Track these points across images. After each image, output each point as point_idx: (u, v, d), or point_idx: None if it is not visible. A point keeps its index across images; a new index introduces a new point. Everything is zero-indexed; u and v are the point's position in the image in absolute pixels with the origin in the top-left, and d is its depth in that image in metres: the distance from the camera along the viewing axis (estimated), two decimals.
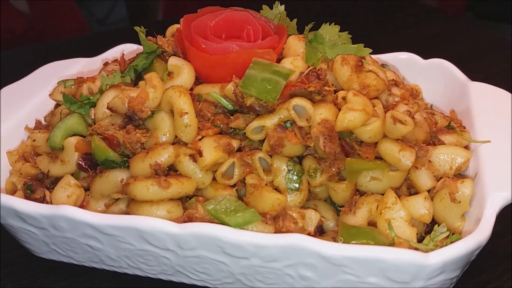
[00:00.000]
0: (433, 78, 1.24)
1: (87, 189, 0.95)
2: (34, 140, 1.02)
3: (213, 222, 0.84)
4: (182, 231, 0.79)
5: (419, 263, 0.73)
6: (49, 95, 1.10)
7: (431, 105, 1.25)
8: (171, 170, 0.89)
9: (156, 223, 0.80)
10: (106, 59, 1.36)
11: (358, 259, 0.74)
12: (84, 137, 0.97)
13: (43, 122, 1.14)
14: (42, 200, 0.97)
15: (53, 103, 1.17)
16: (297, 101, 0.86)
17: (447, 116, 1.06)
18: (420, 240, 0.88)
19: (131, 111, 0.89)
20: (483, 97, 1.07)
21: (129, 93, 0.89)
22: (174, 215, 0.84)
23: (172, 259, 0.87)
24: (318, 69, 0.91)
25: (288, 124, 0.88)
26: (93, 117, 0.95)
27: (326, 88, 0.89)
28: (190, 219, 0.83)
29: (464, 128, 1.02)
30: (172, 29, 1.09)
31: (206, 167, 0.86)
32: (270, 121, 0.88)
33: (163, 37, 1.09)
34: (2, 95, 1.17)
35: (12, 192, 1.02)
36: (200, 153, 0.85)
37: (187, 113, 0.87)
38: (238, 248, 0.79)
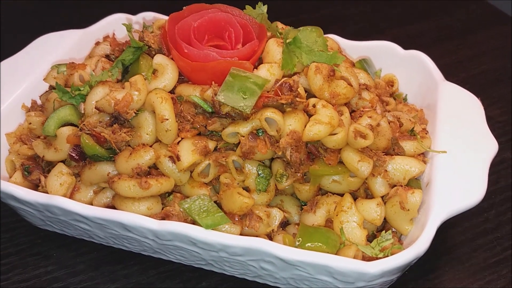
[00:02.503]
0: (410, 70, 1.30)
1: (78, 175, 1.05)
2: (30, 123, 1.11)
3: (187, 219, 0.95)
4: (159, 228, 0.91)
5: (361, 271, 0.84)
6: (44, 79, 1.17)
7: (406, 95, 1.32)
8: (153, 168, 0.99)
9: (137, 220, 0.91)
10: (98, 30, 1.41)
11: (308, 263, 0.86)
12: (75, 125, 1.05)
13: (38, 101, 1.22)
14: (38, 182, 1.07)
15: None
16: (268, 113, 0.94)
17: (412, 119, 1.13)
18: (370, 238, 0.99)
19: (117, 113, 0.97)
20: (451, 102, 1.13)
21: (115, 95, 0.97)
22: (154, 211, 0.95)
23: (152, 244, 0.99)
24: (292, 80, 0.97)
25: (260, 132, 0.97)
26: (83, 111, 1.03)
27: (298, 99, 0.96)
28: (167, 216, 0.94)
29: (427, 133, 1.10)
30: (159, 22, 1.14)
31: (183, 169, 0.96)
32: (243, 129, 0.96)
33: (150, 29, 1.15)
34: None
35: (11, 169, 1.12)
36: (178, 158, 0.94)
37: (167, 119, 0.95)
38: (207, 245, 0.91)
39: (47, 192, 1.03)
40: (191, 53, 1.00)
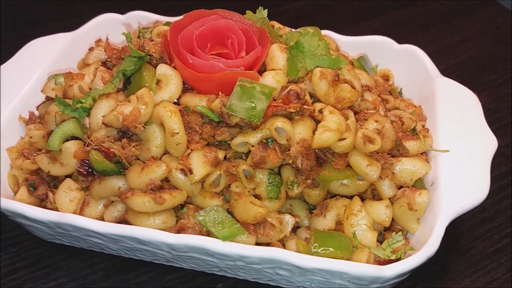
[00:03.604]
0: (405, 64, 1.32)
1: (86, 189, 1.04)
2: (31, 137, 1.09)
3: (203, 230, 0.96)
4: (177, 242, 0.92)
5: (376, 275, 0.87)
6: (41, 91, 1.14)
7: (401, 89, 1.34)
8: (163, 180, 0.99)
9: (154, 235, 0.92)
10: (88, 32, 1.38)
11: (325, 270, 0.89)
12: (80, 139, 1.04)
13: (35, 112, 1.19)
14: (45, 198, 1.06)
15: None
16: (279, 123, 0.95)
17: (413, 117, 1.15)
18: (379, 237, 1.02)
19: (125, 127, 0.96)
20: (449, 99, 1.16)
21: (122, 109, 0.96)
22: (169, 224, 0.96)
23: (166, 255, 1.00)
24: (299, 88, 0.98)
25: (269, 141, 0.98)
26: (88, 126, 1.01)
27: (305, 107, 0.98)
28: (183, 229, 0.95)
29: (428, 131, 1.13)
30: (158, 30, 1.12)
31: (196, 182, 0.96)
32: (253, 139, 0.96)
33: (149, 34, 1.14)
34: None
35: (14, 184, 1.11)
36: (191, 171, 0.95)
37: (178, 133, 0.95)
38: (224, 256, 0.92)
39: (55, 208, 1.03)
40: (196, 63, 0.99)
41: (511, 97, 1.52)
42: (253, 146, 0.97)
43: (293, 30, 1.21)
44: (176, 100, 1.03)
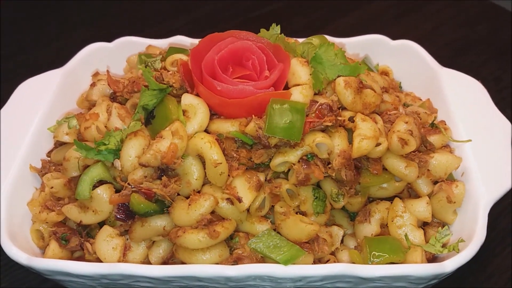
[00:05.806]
0: (402, 59, 1.35)
1: (125, 232, 1.00)
2: (52, 187, 1.03)
3: (258, 256, 0.95)
4: (238, 274, 0.90)
5: (439, 272, 0.90)
6: (54, 137, 1.09)
7: (400, 83, 1.38)
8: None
9: (215, 270, 0.89)
10: (77, 66, 1.32)
11: (390, 276, 0.90)
12: (108, 182, 1.00)
13: (40, 155, 1.13)
14: (78, 249, 1.01)
15: (48, 133, 1.16)
16: (319, 139, 0.95)
17: (428, 112, 1.18)
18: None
19: (164, 165, 0.93)
20: (456, 89, 1.20)
21: (159, 147, 0.93)
22: (224, 256, 0.94)
23: (220, 286, 0.98)
24: (331, 101, 0.99)
25: (309, 157, 0.98)
26: (119, 168, 0.97)
27: (339, 118, 0.98)
28: (239, 259, 0.94)
29: (445, 123, 1.17)
30: (172, 58, 1.09)
31: (244, 210, 0.95)
32: (293, 157, 0.96)
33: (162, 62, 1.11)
34: None
35: (37, 239, 1.05)
36: (239, 199, 0.93)
37: (221, 163, 0.93)
38: (286, 279, 0.92)
39: (96, 259, 0.99)
40: (225, 90, 0.97)
41: (493, 77, 1.60)
42: (294, 165, 0.97)
43: (296, 39, 1.22)
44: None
